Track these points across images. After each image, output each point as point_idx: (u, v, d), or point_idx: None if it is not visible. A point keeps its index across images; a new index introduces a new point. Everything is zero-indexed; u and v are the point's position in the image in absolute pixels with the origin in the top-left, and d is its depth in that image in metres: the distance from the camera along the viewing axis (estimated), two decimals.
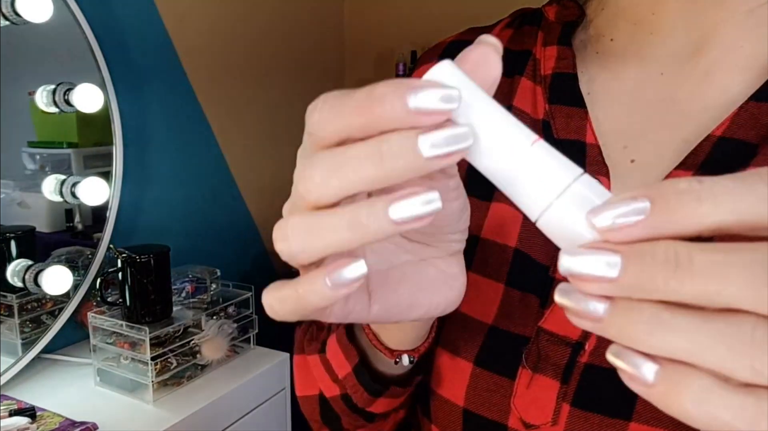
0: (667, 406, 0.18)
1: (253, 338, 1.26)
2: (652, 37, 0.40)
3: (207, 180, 1.56)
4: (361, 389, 0.40)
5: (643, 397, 0.18)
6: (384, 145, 0.20)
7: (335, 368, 0.41)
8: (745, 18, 0.38)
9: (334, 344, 0.41)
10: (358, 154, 0.20)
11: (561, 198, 0.20)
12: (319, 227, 0.22)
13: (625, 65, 0.41)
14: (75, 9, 1.13)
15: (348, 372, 0.40)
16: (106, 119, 1.22)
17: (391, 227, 0.21)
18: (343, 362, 0.40)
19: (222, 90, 1.58)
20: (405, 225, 0.21)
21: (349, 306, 0.26)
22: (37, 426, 0.90)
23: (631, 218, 0.18)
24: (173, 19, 1.40)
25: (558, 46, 0.44)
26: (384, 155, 0.20)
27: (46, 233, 1.20)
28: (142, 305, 1.05)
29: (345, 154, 0.21)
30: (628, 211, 0.18)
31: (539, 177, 0.20)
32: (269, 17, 1.72)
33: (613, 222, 0.18)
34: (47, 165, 1.19)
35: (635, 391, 0.18)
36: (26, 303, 1.13)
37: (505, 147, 0.21)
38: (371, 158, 0.20)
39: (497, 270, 0.40)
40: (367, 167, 0.20)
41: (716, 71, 0.38)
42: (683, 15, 0.39)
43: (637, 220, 0.18)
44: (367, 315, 0.27)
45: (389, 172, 0.20)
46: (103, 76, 1.19)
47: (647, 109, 0.40)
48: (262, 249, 1.78)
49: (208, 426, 1.04)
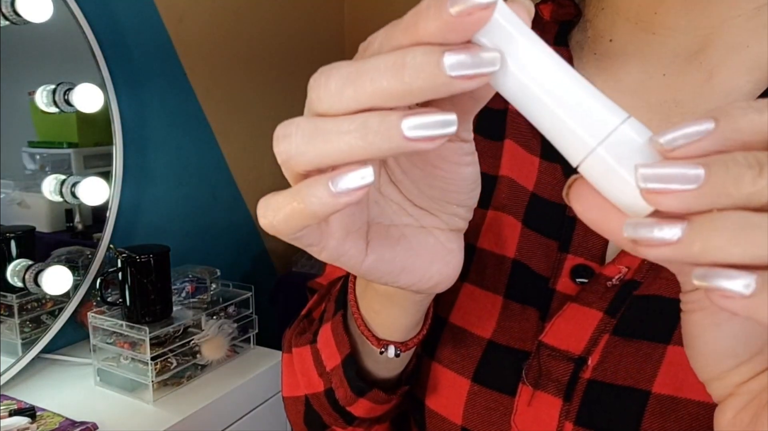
0: None
1: (253, 338, 1.26)
2: (653, 36, 0.39)
3: (207, 180, 1.56)
4: (346, 385, 0.39)
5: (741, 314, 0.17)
6: (408, 57, 0.19)
7: (324, 359, 0.40)
8: (752, 16, 0.36)
9: (327, 332, 0.40)
10: (379, 65, 0.19)
11: (606, 141, 0.19)
12: (326, 129, 0.20)
13: (625, 66, 0.40)
14: (75, 9, 1.13)
15: (337, 364, 0.39)
16: (106, 119, 1.22)
17: (401, 142, 0.19)
18: (334, 352, 0.39)
19: (222, 90, 1.57)
20: (416, 143, 0.19)
21: (346, 246, 0.25)
22: (37, 426, 0.90)
23: (698, 136, 0.17)
24: (173, 19, 1.40)
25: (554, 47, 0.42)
26: (406, 66, 0.19)
27: (46, 233, 1.20)
28: (142, 305, 1.05)
29: (365, 64, 0.20)
30: (694, 131, 0.18)
31: (583, 118, 0.19)
32: (269, 17, 1.72)
33: (681, 142, 0.18)
34: (47, 165, 1.19)
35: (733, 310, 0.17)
36: (26, 303, 1.13)
37: (548, 82, 0.19)
38: (392, 69, 0.19)
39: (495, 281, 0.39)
40: (386, 78, 0.19)
41: (721, 71, 0.37)
42: (687, 14, 0.37)
43: (705, 135, 0.17)
44: (360, 262, 0.26)
45: (408, 85, 0.19)
46: (103, 76, 1.19)
47: (649, 111, 0.38)
48: (262, 249, 1.78)
49: (208, 426, 1.04)
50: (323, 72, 0.21)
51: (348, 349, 0.38)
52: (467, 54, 0.19)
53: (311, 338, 0.42)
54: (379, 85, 0.19)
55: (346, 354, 0.38)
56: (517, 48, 0.19)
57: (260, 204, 0.22)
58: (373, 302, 0.35)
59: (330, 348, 0.40)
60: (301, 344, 0.43)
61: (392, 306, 0.34)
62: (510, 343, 0.37)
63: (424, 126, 0.19)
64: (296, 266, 1.77)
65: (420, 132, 0.19)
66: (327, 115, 0.20)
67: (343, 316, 0.39)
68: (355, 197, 0.20)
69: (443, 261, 0.29)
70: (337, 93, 0.20)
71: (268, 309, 1.67)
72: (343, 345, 0.39)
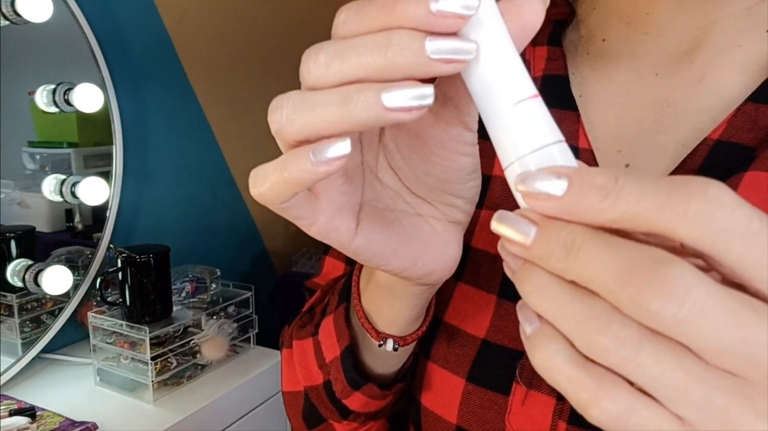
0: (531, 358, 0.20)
1: (253, 338, 1.26)
2: (646, 37, 0.39)
3: (207, 180, 1.56)
4: (342, 377, 0.39)
5: None
6: (393, 37, 0.21)
7: (324, 350, 0.40)
8: (743, 17, 0.36)
9: (329, 324, 0.40)
10: (366, 42, 0.21)
11: (528, 156, 0.21)
12: (312, 100, 0.22)
13: (617, 66, 0.40)
14: (75, 9, 1.13)
15: (336, 355, 0.39)
16: (106, 119, 1.22)
17: (381, 111, 0.21)
18: (334, 343, 0.39)
19: (222, 90, 1.58)
20: (394, 113, 0.21)
21: (335, 222, 0.26)
22: (37, 426, 0.90)
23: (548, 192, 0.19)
24: (173, 19, 1.40)
25: (548, 47, 0.42)
26: (391, 45, 0.20)
27: (46, 233, 1.20)
28: (142, 305, 1.05)
29: (353, 41, 0.21)
30: (548, 185, 0.19)
31: (519, 130, 0.21)
32: (269, 17, 1.72)
33: (533, 190, 0.20)
34: (47, 165, 1.19)
35: None
36: (26, 303, 1.13)
37: (500, 87, 0.21)
38: (378, 47, 0.21)
39: (489, 281, 0.39)
40: (372, 54, 0.21)
41: (712, 71, 0.37)
42: (679, 14, 0.37)
43: (551, 197, 0.19)
44: (350, 239, 0.27)
45: (391, 63, 0.20)
46: (103, 76, 1.19)
47: (641, 111, 0.38)
48: (262, 249, 1.78)
49: (208, 426, 1.04)
50: (314, 47, 0.23)
51: (348, 341, 0.39)
52: (447, 41, 0.20)
53: (313, 330, 0.42)
54: (365, 59, 0.21)
55: (345, 346, 0.39)
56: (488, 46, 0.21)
57: (251, 174, 0.24)
58: (375, 295, 0.36)
59: (330, 339, 0.40)
60: (302, 337, 0.43)
61: (393, 299, 0.35)
62: (504, 342, 0.37)
63: (402, 97, 0.21)
64: (296, 266, 1.77)
65: (398, 102, 0.21)
66: (316, 86, 0.22)
67: (345, 309, 0.39)
68: (334, 167, 0.22)
69: (438, 250, 0.29)
70: (325, 65, 0.22)
71: (268, 309, 1.67)
72: (343, 337, 0.39)
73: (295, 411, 0.45)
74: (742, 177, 0.33)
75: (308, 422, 0.45)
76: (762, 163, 0.33)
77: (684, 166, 0.35)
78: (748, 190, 0.32)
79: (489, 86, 0.21)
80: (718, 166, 0.34)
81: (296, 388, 0.45)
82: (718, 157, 0.34)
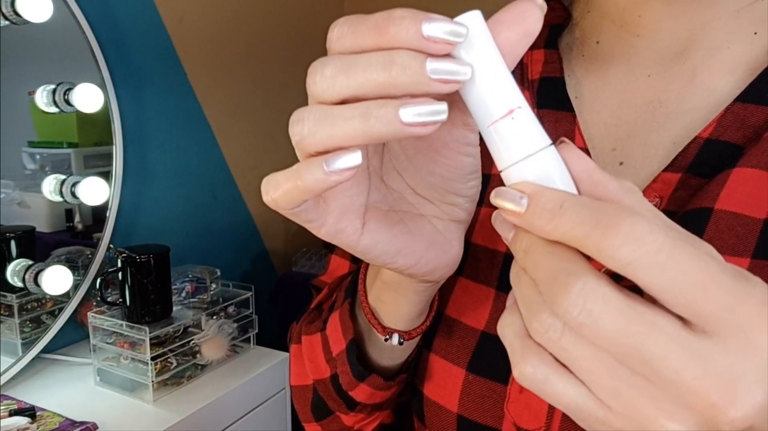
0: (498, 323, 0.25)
1: (253, 338, 1.26)
2: (638, 39, 0.40)
3: (207, 180, 1.56)
4: (348, 369, 0.41)
5: None
6: (396, 56, 0.22)
7: (332, 344, 0.42)
8: (732, 19, 0.37)
9: (335, 320, 0.42)
10: (370, 60, 0.22)
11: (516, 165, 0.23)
12: (333, 114, 0.23)
13: (611, 68, 0.41)
14: (75, 9, 1.13)
15: (342, 349, 0.41)
16: (106, 119, 1.22)
17: (398, 126, 0.22)
18: (340, 338, 0.41)
19: (222, 90, 1.58)
20: (411, 128, 0.22)
21: (343, 223, 0.28)
22: (37, 426, 0.90)
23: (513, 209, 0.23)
24: (173, 19, 1.40)
25: (545, 50, 0.44)
26: (394, 64, 0.22)
27: (46, 233, 1.20)
28: (142, 305, 1.05)
29: (358, 57, 0.23)
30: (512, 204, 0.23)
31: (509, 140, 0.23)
32: (269, 17, 1.72)
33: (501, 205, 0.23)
34: (47, 165, 1.19)
35: None
36: (26, 303, 1.13)
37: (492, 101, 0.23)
38: (382, 64, 0.22)
39: (488, 274, 0.40)
40: (376, 71, 0.22)
41: (703, 72, 0.38)
42: (670, 17, 0.39)
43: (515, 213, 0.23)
44: (356, 240, 0.28)
45: (393, 80, 0.22)
46: (103, 76, 1.19)
47: (635, 111, 0.40)
48: (262, 249, 1.79)
49: (208, 426, 1.04)
50: (321, 60, 0.24)
51: (352, 334, 0.40)
52: (445, 62, 0.22)
53: (321, 326, 0.44)
54: (369, 75, 0.22)
55: (350, 339, 0.40)
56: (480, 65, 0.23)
57: (263, 182, 0.25)
58: (381, 292, 0.38)
59: (337, 334, 0.42)
60: (311, 332, 0.45)
61: (398, 295, 0.36)
62: None
63: (418, 113, 0.22)
64: (296, 266, 1.78)
65: (415, 118, 0.22)
66: (322, 98, 0.24)
67: (350, 304, 0.41)
68: (345, 176, 0.23)
69: (440, 248, 0.31)
70: (331, 78, 0.23)
71: (268, 309, 1.67)
72: (348, 331, 0.41)
73: (304, 404, 0.47)
74: (730, 173, 0.34)
75: (317, 415, 0.46)
76: (749, 159, 0.34)
77: (675, 164, 0.36)
78: (735, 186, 0.33)
79: (482, 100, 0.23)
80: (708, 164, 0.35)
81: (305, 382, 0.46)
82: (708, 154, 0.35)
